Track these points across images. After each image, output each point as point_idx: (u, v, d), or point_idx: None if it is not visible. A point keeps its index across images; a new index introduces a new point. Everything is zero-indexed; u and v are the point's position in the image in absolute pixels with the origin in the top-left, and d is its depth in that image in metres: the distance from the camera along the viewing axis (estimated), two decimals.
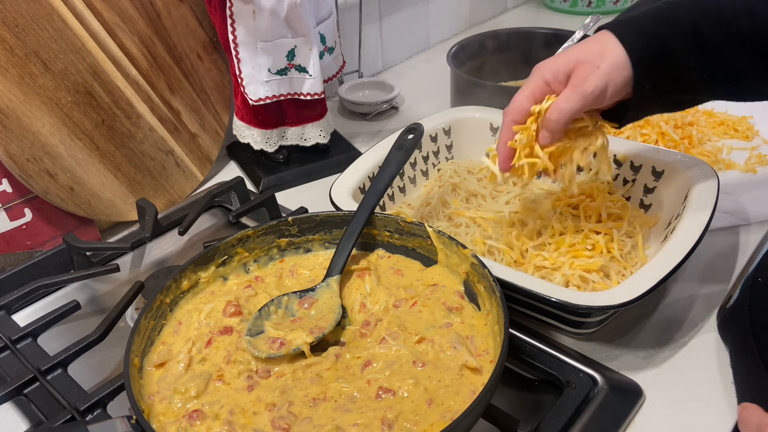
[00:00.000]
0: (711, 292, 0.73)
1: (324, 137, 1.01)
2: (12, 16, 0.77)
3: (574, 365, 0.62)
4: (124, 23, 0.88)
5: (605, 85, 0.58)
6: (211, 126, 1.02)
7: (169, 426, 0.52)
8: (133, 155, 0.92)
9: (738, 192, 0.86)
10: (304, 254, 0.73)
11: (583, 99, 0.58)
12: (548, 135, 0.62)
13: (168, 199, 0.97)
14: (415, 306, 0.63)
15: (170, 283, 0.64)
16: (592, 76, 0.58)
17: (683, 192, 0.72)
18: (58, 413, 0.60)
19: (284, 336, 0.60)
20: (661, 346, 0.67)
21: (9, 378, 0.65)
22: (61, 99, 0.83)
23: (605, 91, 0.58)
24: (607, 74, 0.57)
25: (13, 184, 0.82)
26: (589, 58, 0.58)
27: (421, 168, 0.90)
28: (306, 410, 0.53)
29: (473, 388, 0.53)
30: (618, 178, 0.81)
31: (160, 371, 0.58)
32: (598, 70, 0.58)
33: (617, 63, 0.58)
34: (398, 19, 1.36)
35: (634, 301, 0.58)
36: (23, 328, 0.70)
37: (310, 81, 0.91)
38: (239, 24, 0.86)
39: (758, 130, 1.00)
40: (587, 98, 0.58)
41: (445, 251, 0.67)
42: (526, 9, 1.71)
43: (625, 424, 0.58)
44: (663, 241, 0.69)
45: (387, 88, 1.21)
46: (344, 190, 0.78)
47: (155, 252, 0.87)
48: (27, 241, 0.85)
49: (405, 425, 0.50)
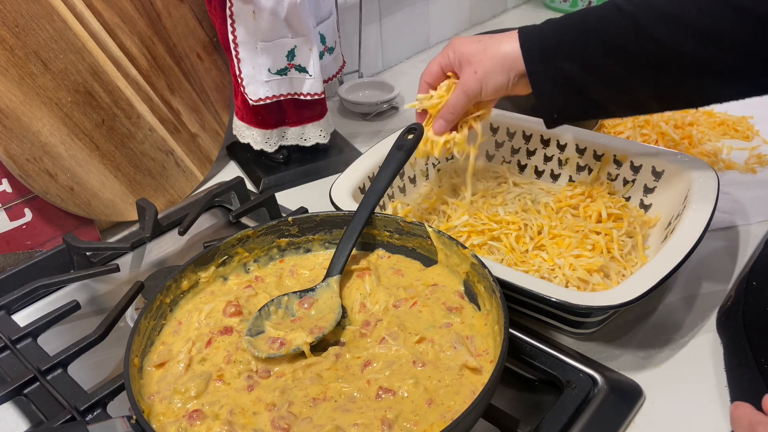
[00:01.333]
0: (711, 292, 0.73)
1: (324, 137, 1.01)
2: (12, 16, 0.77)
3: (574, 365, 0.62)
4: (124, 23, 0.88)
5: (479, 88, 0.71)
6: (211, 126, 1.02)
7: (169, 426, 0.52)
8: (133, 155, 0.92)
9: (738, 192, 0.86)
10: (304, 254, 0.73)
11: (467, 98, 0.72)
12: (443, 124, 0.75)
13: (168, 199, 0.97)
14: (415, 306, 0.63)
15: (170, 283, 0.64)
16: (470, 81, 0.71)
17: (683, 192, 0.72)
18: (58, 413, 0.59)
19: (284, 336, 0.60)
20: (661, 346, 0.67)
21: (9, 378, 0.65)
22: (61, 99, 0.83)
23: (480, 92, 0.71)
24: (481, 80, 0.70)
25: (13, 184, 0.82)
26: (474, 61, 0.70)
27: (421, 168, 0.90)
28: (306, 410, 0.53)
29: (473, 388, 0.53)
30: (618, 178, 0.81)
31: (160, 371, 0.58)
32: (475, 75, 0.70)
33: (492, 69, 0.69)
34: (398, 19, 1.36)
35: (634, 301, 0.58)
36: (23, 328, 0.70)
37: (310, 81, 0.91)
38: (239, 24, 0.86)
39: (758, 130, 1.00)
40: (469, 98, 0.72)
41: (445, 251, 0.67)
42: (526, 9, 1.71)
43: (625, 424, 0.58)
44: (663, 241, 0.69)
45: (387, 88, 1.21)
46: (344, 190, 0.78)
47: (155, 252, 0.87)
48: (27, 241, 0.85)
49: (405, 425, 0.50)
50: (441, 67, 0.75)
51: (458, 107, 0.73)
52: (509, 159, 0.91)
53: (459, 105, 0.73)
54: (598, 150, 0.82)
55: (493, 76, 0.70)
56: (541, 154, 0.88)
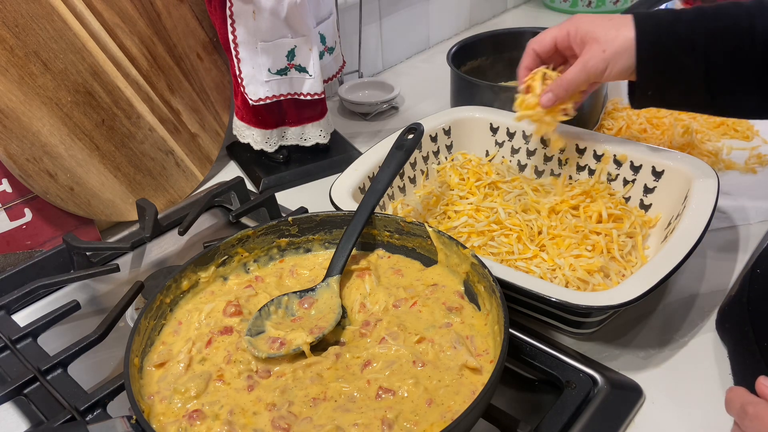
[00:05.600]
0: (711, 291, 0.73)
1: (324, 137, 1.01)
2: (12, 16, 0.77)
3: (574, 365, 0.62)
4: (124, 23, 0.88)
5: (605, 67, 0.68)
6: (211, 126, 1.02)
7: (169, 426, 0.52)
8: (133, 155, 0.92)
9: (738, 192, 0.86)
10: (304, 254, 0.73)
11: (587, 75, 0.69)
12: (552, 97, 0.72)
13: (168, 199, 0.97)
14: (415, 306, 0.63)
15: (170, 283, 0.64)
16: (596, 58, 0.68)
17: (683, 192, 0.72)
18: (58, 413, 0.60)
19: (284, 336, 0.60)
20: (661, 346, 0.67)
21: (9, 378, 0.65)
22: (61, 99, 0.83)
23: (604, 72, 0.68)
24: (609, 59, 0.67)
25: (13, 184, 0.82)
26: (602, 39, 0.67)
27: (421, 168, 0.90)
28: (306, 410, 0.53)
29: (473, 388, 0.53)
30: (618, 178, 0.81)
31: (160, 371, 0.58)
32: (603, 54, 0.67)
33: (623, 50, 0.67)
34: (398, 19, 1.36)
35: (634, 301, 0.58)
36: (23, 328, 0.70)
37: (310, 81, 0.91)
38: (239, 24, 0.86)
39: (758, 130, 1.00)
40: (590, 76, 0.69)
41: (445, 251, 0.67)
42: (526, 9, 1.71)
43: (625, 424, 0.58)
44: (663, 241, 0.69)
45: (387, 88, 1.21)
46: (344, 190, 0.78)
47: (155, 252, 0.87)
48: (27, 241, 0.85)
49: (405, 425, 0.50)
50: (556, 41, 0.72)
51: (576, 84, 0.70)
52: (509, 159, 0.91)
53: (577, 82, 0.70)
54: (598, 150, 0.82)
55: (623, 58, 0.67)
56: (541, 154, 0.88)
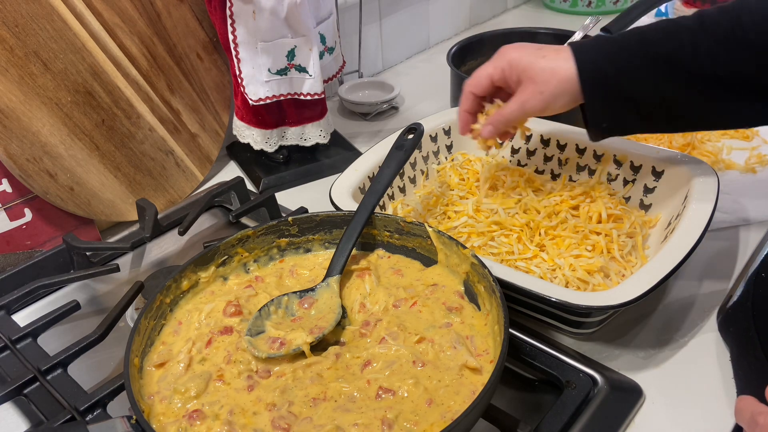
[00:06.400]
0: (711, 292, 0.73)
1: (324, 137, 1.01)
2: (12, 16, 0.77)
3: (574, 365, 0.62)
4: (124, 23, 0.88)
5: (544, 107, 0.67)
6: (211, 126, 1.02)
7: (169, 426, 0.52)
8: (133, 155, 0.92)
9: (738, 192, 0.86)
10: (304, 254, 0.73)
11: (525, 114, 0.69)
12: (493, 130, 0.72)
13: (168, 199, 0.97)
14: (415, 306, 0.63)
15: (170, 283, 0.64)
16: (534, 100, 0.67)
17: (683, 192, 0.72)
18: (58, 413, 0.60)
19: (284, 336, 0.60)
20: (661, 346, 0.67)
21: (9, 378, 0.65)
22: (61, 99, 0.83)
23: (544, 110, 0.68)
24: (547, 101, 0.66)
25: (13, 184, 0.82)
26: (539, 80, 0.66)
27: (421, 168, 0.90)
28: (306, 410, 0.53)
29: (473, 388, 0.53)
30: (618, 178, 0.81)
31: (160, 371, 0.58)
32: (540, 96, 0.66)
33: (560, 91, 0.66)
34: (398, 19, 1.36)
35: (634, 301, 0.58)
36: (23, 328, 0.70)
37: (310, 81, 0.91)
38: (239, 24, 0.86)
39: (758, 130, 1.00)
40: (528, 114, 0.69)
41: (445, 251, 0.67)
42: (526, 9, 1.71)
43: (625, 424, 0.58)
44: (663, 241, 0.69)
45: (387, 88, 1.21)
46: (344, 190, 0.78)
47: (155, 252, 0.87)
48: (27, 241, 0.85)
49: (405, 425, 0.50)
50: (492, 80, 0.70)
51: (514, 121, 0.70)
52: (509, 159, 0.91)
53: (515, 119, 0.70)
54: (598, 150, 0.82)
55: (561, 98, 0.66)
56: (541, 154, 0.88)
